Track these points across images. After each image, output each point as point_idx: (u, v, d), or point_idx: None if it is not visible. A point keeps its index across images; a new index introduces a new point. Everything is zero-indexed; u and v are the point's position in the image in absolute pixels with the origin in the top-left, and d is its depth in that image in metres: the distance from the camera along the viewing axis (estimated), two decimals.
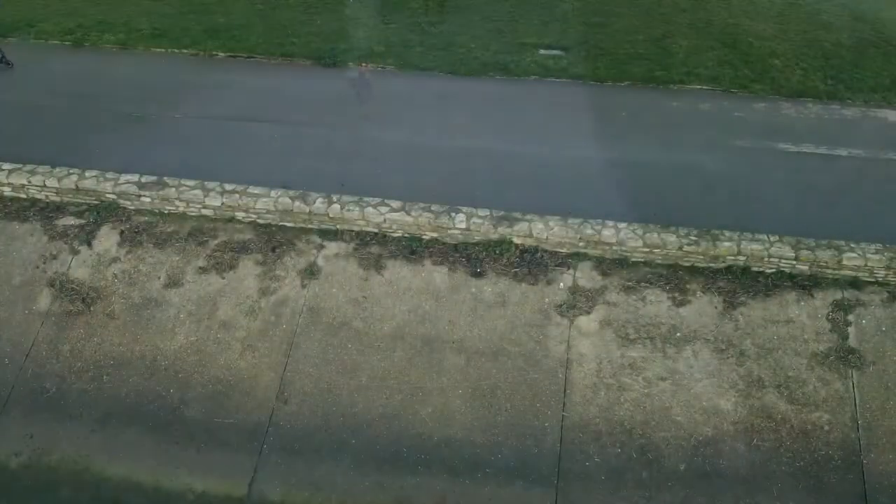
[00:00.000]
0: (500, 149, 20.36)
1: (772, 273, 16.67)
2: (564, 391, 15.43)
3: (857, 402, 15.11)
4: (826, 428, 14.93)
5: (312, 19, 26.78)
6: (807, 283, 16.54)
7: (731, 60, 24.66)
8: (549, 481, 14.61)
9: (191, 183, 18.02)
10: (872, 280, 16.53)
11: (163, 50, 24.76)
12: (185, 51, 24.72)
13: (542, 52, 25.19)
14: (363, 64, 22.60)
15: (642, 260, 16.93)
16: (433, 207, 17.43)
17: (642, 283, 16.58)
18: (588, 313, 16.26)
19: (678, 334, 15.92)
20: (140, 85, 22.73)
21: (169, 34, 25.40)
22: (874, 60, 24.43)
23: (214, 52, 24.64)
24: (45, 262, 17.24)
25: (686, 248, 16.60)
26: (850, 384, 15.29)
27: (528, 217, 17.22)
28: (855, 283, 16.49)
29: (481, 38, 25.81)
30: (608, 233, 16.83)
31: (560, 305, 16.38)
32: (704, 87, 23.39)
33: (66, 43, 24.94)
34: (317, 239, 17.56)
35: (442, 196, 18.42)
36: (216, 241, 17.53)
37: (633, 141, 20.56)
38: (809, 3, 27.95)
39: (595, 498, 14.40)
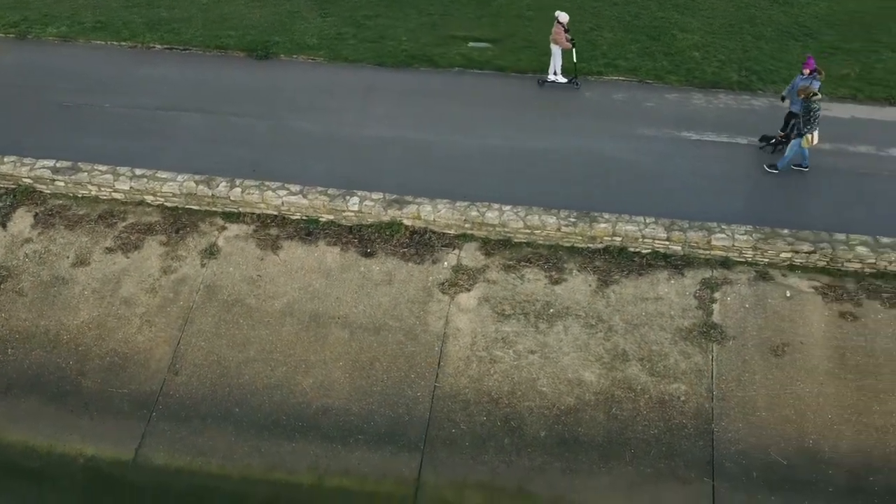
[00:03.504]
0: (415, 137, 21.22)
1: (647, 253, 17.49)
2: (439, 363, 16.29)
3: (715, 374, 15.91)
4: (682, 398, 15.74)
5: (253, 13, 27.61)
6: (679, 263, 17.35)
7: (652, 52, 25.40)
8: (416, 447, 15.47)
9: (102, 168, 18.97)
10: (742, 260, 17.29)
11: (102, 42, 25.68)
12: (123, 43, 25.64)
13: (471, 44, 25.99)
14: None
15: (525, 241, 17.77)
16: (329, 191, 18.31)
17: (522, 263, 17.42)
18: (468, 290, 17.12)
19: (551, 310, 16.76)
20: (76, 76, 23.67)
21: (110, 27, 26.32)
22: (792, 53, 25.14)
23: (152, 45, 25.54)
24: None
25: (564, 229, 17.44)
26: (710, 357, 16.10)
27: (418, 200, 18.09)
28: (726, 263, 17.30)
29: (414, 31, 26.64)
30: (492, 215, 17.68)
31: (442, 283, 17.24)
32: (621, 78, 24.15)
33: (10, 35, 25.85)
34: (220, 221, 18.49)
35: (352, 182, 19.27)
36: (124, 224, 18.48)
37: (542, 130, 21.39)
38: None
39: (458, 462, 15.26)
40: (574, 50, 23.11)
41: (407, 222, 17.89)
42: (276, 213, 18.31)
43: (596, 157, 20.24)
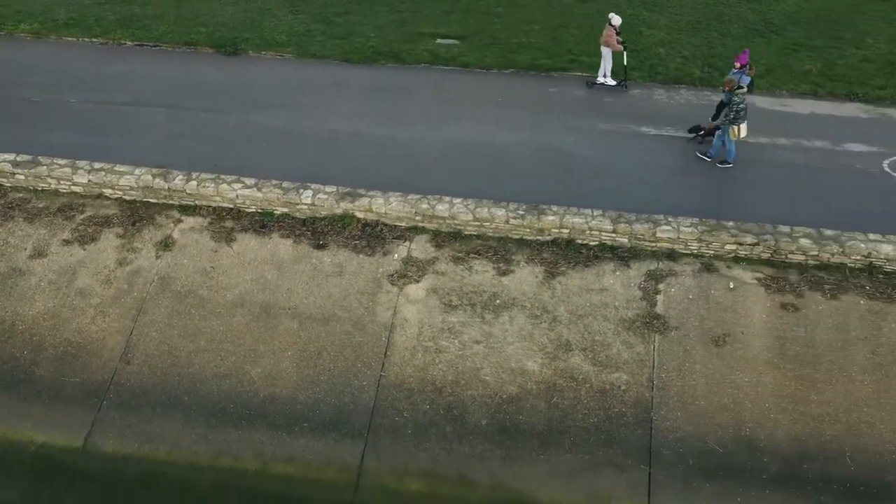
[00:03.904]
0: (379, 132, 21.51)
1: (595, 245, 17.73)
2: (385, 353, 16.55)
3: (656, 363, 16.16)
4: (623, 388, 15.99)
5: (225, 9, 27.91)
6: (626, 255, 17.59)
7: None
8: (360, 434, 15.74)
9: (62, 161, 19.27)
10: (688, 252, 17.53)
11: (74, 38, 26.00)
12: (95, 39, 25.99)
13: (439, 41, 26.29)
14: None
15: (475, 233, 18.03)
16: (284, 184, 18.58)
17: (471, 255, 17.68)
18: (417, 282, 17.37)
19: (498, 301, 17.01)
20: (45, 72, 24.01)
21: (82, 23, 26.70)
22: (756, 49, 25.32)
23: (123, 41, 25.84)
24: None
25: (513, 221, 17.69)
26: (652, 347, 16.34)
27: (371, 193, 18.35)
28: (672, 255, 17.53)
29: (383, 27, 26.96)
30: (442, 207, 17.94)
31: (392, 275, 17.50)
32: (584, 74, 24.40)
33: None
34: (176, 214, 18.77)
35: (314, 176, 19.53)
36: (82, 216, 18.76)
37: (503, 124, 21.66)
38: None
39: (400, 449, 15.51)
40: (625, 53, 23.19)
41: (359, 215, 18.16)
42: (231, 206, 18.60)
43: (555, 152, 20.54)
